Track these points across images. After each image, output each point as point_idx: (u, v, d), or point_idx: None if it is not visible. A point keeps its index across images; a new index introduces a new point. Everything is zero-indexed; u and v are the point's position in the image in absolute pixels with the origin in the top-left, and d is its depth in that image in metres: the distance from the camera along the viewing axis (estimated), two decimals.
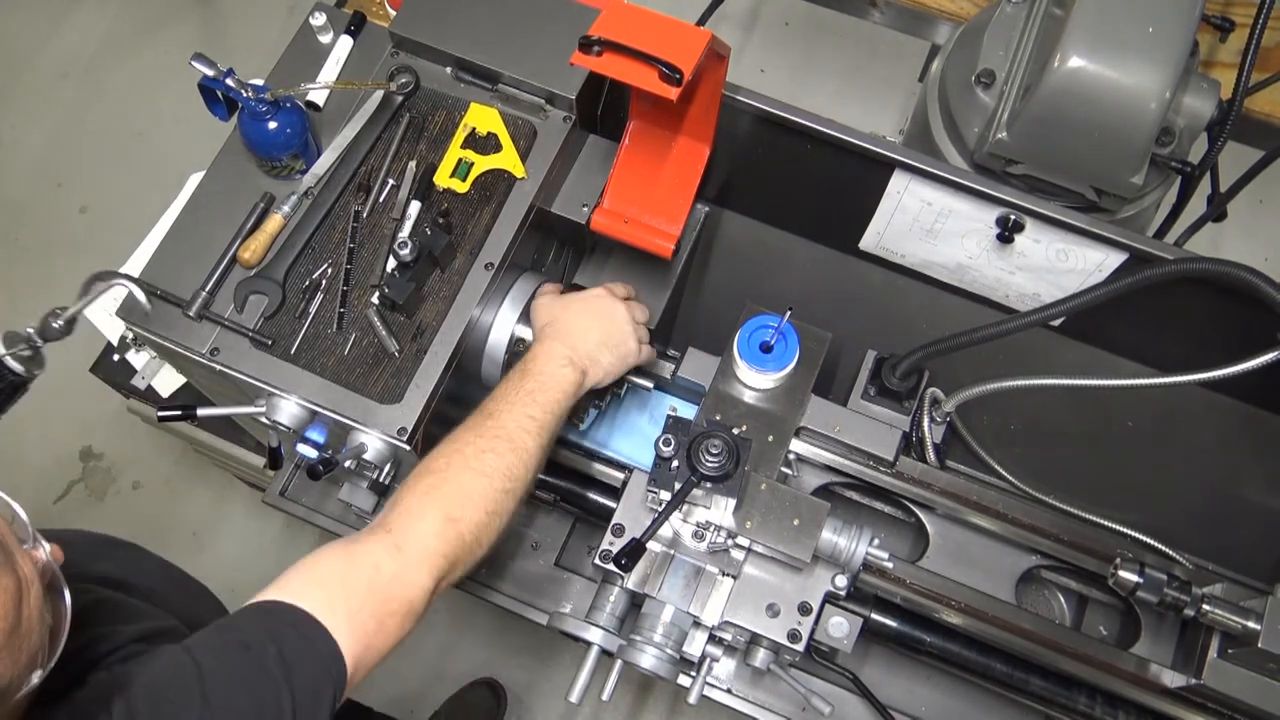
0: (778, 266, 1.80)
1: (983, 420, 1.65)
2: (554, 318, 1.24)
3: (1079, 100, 1.39)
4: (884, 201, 1.55)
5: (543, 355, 1.19)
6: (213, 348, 1.28)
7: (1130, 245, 1.42)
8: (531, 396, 1.16)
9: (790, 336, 1.42)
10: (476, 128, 1.39)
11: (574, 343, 1.22)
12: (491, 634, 2.53)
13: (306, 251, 1.33)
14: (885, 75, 3.03)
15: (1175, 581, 1.34)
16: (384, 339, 1.28)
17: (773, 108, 1.48)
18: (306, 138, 1.34)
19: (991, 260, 1.57)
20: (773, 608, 1.34)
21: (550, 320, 1.25)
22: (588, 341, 1.22)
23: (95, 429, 2.75)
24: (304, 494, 1.67)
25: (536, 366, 1.18)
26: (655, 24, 1.12)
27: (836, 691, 1.54)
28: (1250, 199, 1.96)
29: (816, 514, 1.33)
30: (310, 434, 1.26)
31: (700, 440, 1.25)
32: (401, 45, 1.43)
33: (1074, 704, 1.45)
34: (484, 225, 1.34)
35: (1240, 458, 1.70)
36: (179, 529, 2.65)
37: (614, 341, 1.25)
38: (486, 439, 1.12)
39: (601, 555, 1.34)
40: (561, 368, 1.19)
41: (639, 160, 1.42)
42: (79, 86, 3.15)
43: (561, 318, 1.24)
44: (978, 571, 1.51)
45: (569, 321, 1.23)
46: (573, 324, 1.23)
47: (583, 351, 1.22)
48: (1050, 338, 1.67)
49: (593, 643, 1.37)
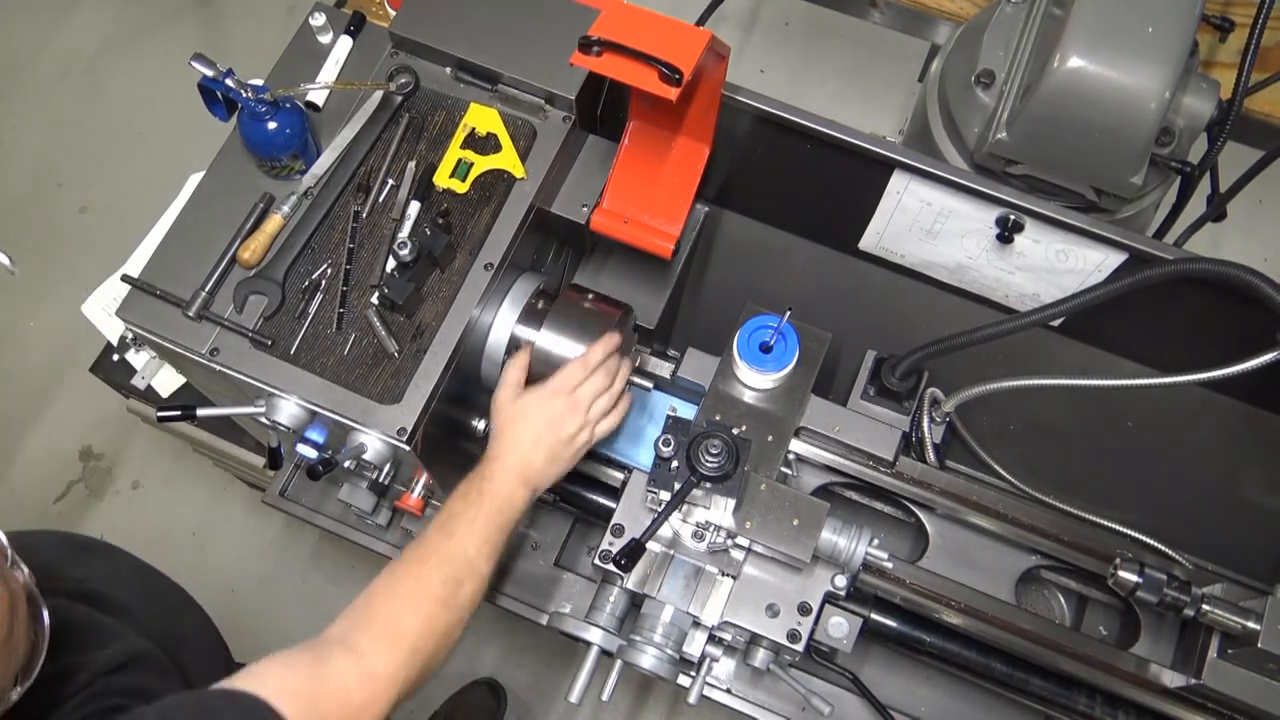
0: (778, 266, 1.80)
1: (982, 420, 1.65)
2: (512, 425, 1.25)
3: (1079, 100, 1.39)
4: (884, 201, 1.55)
5: (500, 475, 1.21)
6: (212, 348, 1.28)
7: (1130, 245, 1.42)
8: (491, 521, 1.18)
9: (790, 337, 1.42)
10: (476, 128, 1.39)
11: (528, 459, 1.23)
12: (491, 634, 2.53)
13: (306, 252, 1.33)
14: (885, 75, 3.03)
15: (1175, 581, 1.34)
16: (383, 339, 1.28)
17: (773, 108, 1.48)
18: (306, 138, 1.34)
19: (991, 260, 1.57)
20: (772, 608, 1.34)
21: (508, 427, 1.25)
22: (538, 458, 1.24)
23: (95, 429, 2.75)
24: (304, 494, 1.67)
25: (495, 488, 1.19)
26: (655, 24, 1.12)
27: (836, 691, 1.54)
28: (1250, 199, 1.95)
29: (816, 514, 1.33)
30: (310, 434, 1.26)
31: (700, 440, 1.26)
32: (401, 45, 1.43)
33: (1074, 704, 1.45)
34: (483, 225, 1.34)
35: (1240, 458, 1.70)
36: (179, 529, 2.65)
37: (562, 457, 1.26)
38: (452, 566, 1.14)
39: (601, 555, 1.34)
40: (518, 489, 1.21)
41: (638, 160, 1.42)
42: (79, 86, 3.15)
43: (519, 429, 1.24)
44: (977, 571, 1.51)
45: (523, 434, 1.24)
46: (524, 436, 1.23)
47: (535, 470, 1.24)
48: (1050, 338, 1.67)
49: (592, 643, 1.37)
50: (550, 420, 1.25)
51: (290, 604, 2.57)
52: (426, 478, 1.36)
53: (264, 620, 2.55)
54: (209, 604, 1.28)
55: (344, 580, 2.58)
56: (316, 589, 2.59)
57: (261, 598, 2.58)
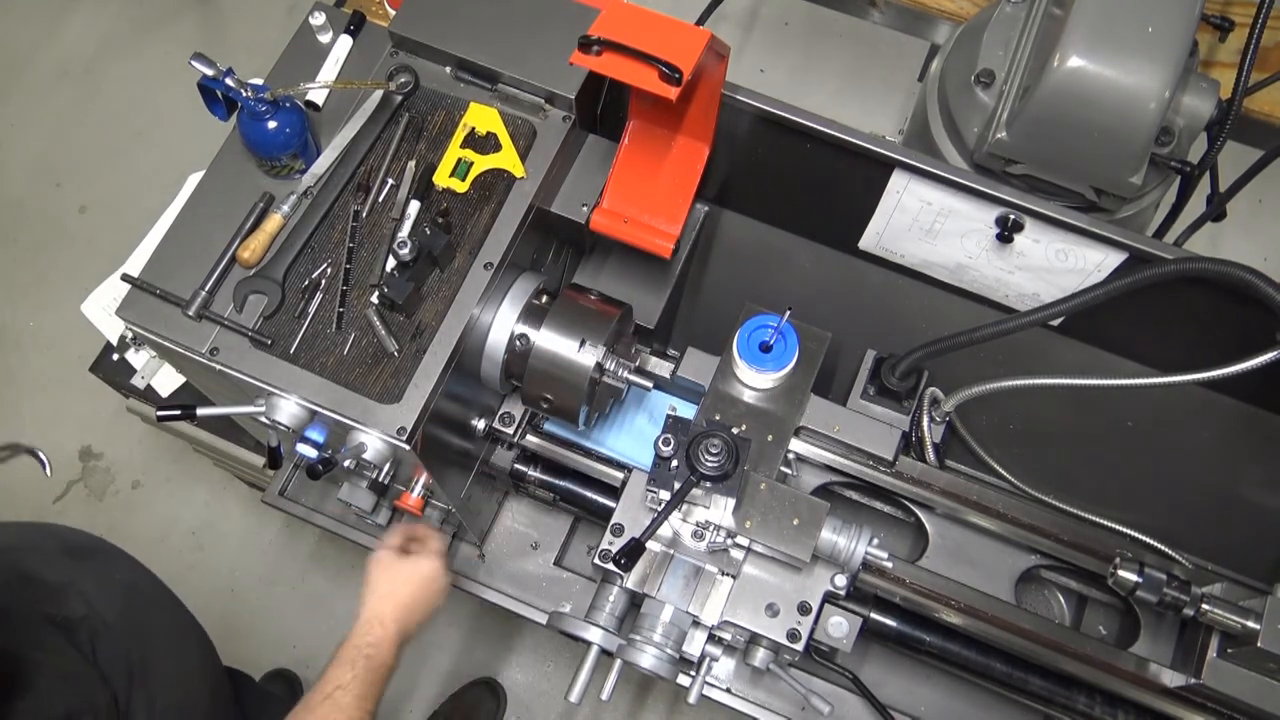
0: (777, 266, 1.80)
1: (982, 420, 1.65)
2: (392, 591, 1.32)
3: (1078, 100, 1.39)
4: (883, 201, 1.55)
5: (388, 642, 1.28)
6: (212, 347, 1.28)
7: (1129, 245, 1.42)
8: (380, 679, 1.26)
9: (789, 336, 1.42)
10: (476, 127, 1.39)
11: (406, 620, 1.32)
12: (491, 634, 2.53)
13: (306, 251, 1.33)
14: (885, 75, 3.04)
15: (1174, 581, 1.34)
16: (383, 338, 1.28)
17: (772, 107, 1.48)
18: (306, 137, 1.34)
19: (991, 260, 1.57)
20: (772, 607, 1.34)
21: (389, 593, 1.32)
22: (414, 619, 1.33)
23: (94, 429, 2.75)
24: (303, 493, 1.67)
25: (383, 656, 1.27)
26: (655, 24, 1.12)
27: (836, 691, 1.54)
28: (1249, 199, 1.96)
29: (816, 513, 1.33)
30: (310, 433, 1.26)
31: (700, 440, 1.26)
32: (401, 45, 1.43)
33: (1073, 704, 1.45)
34: (483, 225, 1.34)
35: (1240, 458, 1.70)
36: (178, 529, 2.65)
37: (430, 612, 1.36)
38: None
39: (601, 555, 1.34)
40: (398, 648, 1.30)
41: (638, 160, 1.42)
42: (78, 86, 3.15)
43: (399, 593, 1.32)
44: (977, 571, 1.51)
45: (403, 598, 1.32)
46: (403, 598, 1.32)
47: (410, 629, 1.33)
48: (1050, 338, 1.67)
49: (592, 642, 1.37)
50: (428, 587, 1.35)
51: (290, 603, 2.58)
52: (426, 477, 1.36)
53: (264, 620, 2.55)
54: (209, 604, 1.28)
55: (343, 580, 2.58)
56: (316, 589, 2.59)
57: (261, 597, 2.58)
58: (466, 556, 1.67)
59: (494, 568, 1.66)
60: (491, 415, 1.50)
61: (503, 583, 1.64)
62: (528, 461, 1.56)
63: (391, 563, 1.34)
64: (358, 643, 1.26)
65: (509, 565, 1.66)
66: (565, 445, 1.53)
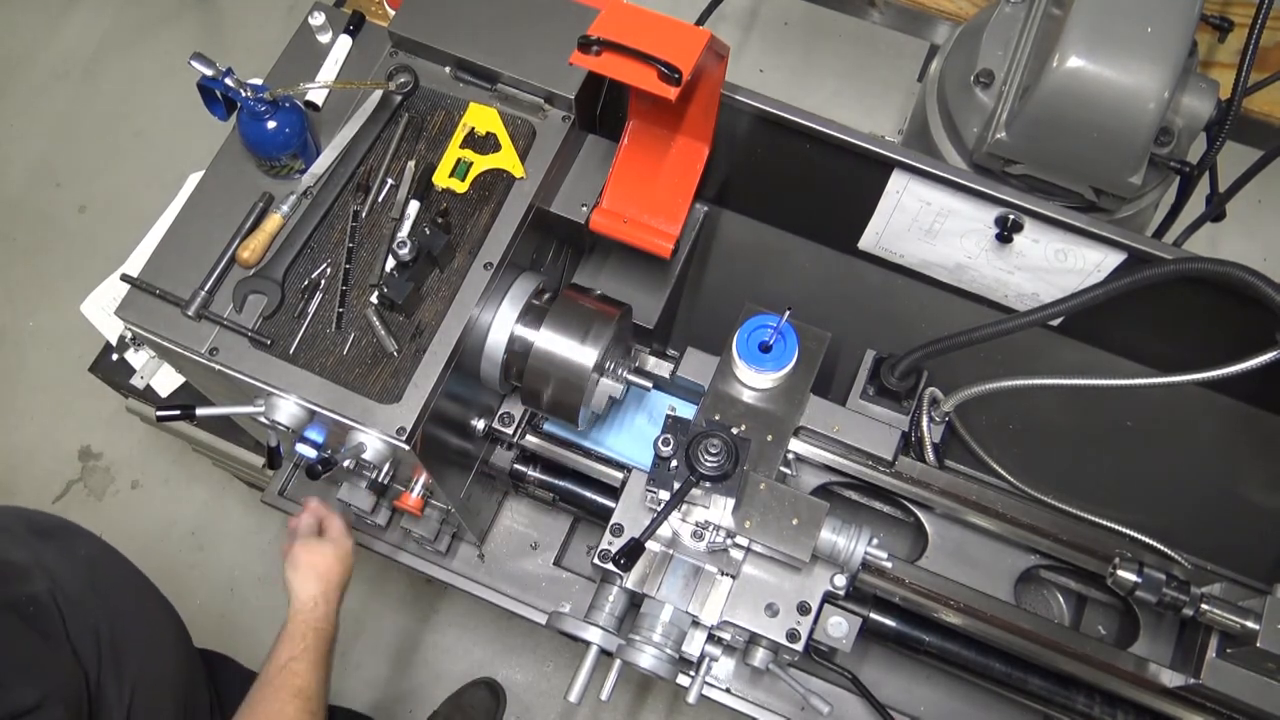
0: (777, 266, 1.80)
1: (982, 420, 1.65)
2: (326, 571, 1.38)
3: (1078, 100, 1.39)
4: (883, 201, 1.55)
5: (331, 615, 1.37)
6: (211, 347, 1.28)
7: (1129, 245, 1.42)
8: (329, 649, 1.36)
9: (789, 336, 1.42)
10: (475, 127, 1.39)
11: (337, 594, 1.39)
12: (491, 634, 2.53)
13: (305, 251, 1.33)
14: (885, 75, 3.03)
15: (1174, 581, 1.34)
16: (383, 338, 1.28)
17: (772, 108, 1.48)
18: (305, 137, 1.34)
19: (990, 260, 1.57)
20: (771, 607, 1.34)
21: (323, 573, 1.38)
22: (341, 592, 1.41)
23: (94, 428, 2.75)
24: (303, 493, 1.67)
25: (329, 628, 1.36)
26: (654, 24, 1.12)
27: (835, 691, 1.54)
28: (1249, 199, 1.96)
29: (815, 513, 1.33)
30: (309, 433, 1.26)
31: (699, 440, 1.26)
32: (400, 45, 1.43)
33: (1072, 703, 1.45)
34: (483, 225, 1.34)
35: (1240, 458, 1.70)
36: (178, 529, 2.65)
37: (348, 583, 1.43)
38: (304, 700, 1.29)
39: (601, 555, 1.34)
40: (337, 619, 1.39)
41: (638, 160, 1.42)
42: (78, 86, 3.15)
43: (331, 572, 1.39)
44: (977, 571, 1.51)
45: (334, 576, 1.39)
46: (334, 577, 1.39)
47: (340, 601, 1.41)
48: (1050, 338, 1.67)
49: (592, 642, 1.37)
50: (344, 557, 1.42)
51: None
52: (426, 477, 1.36)
53: (263, 619, 2.55)
54: (209, 603, 1.28)
55: None
56: None
57: (261, 597, 2.58)
58: (466, 556, 1.67)
59: (493, 568, 1.66)
60: (491, 415, 1.50)
61: (502, 583, 1.64)
62: (527, 461, 1.57)
63: (316, 546, 1.40)
64: (305, 618, 1.34)
65: (508, 565, 1.66)
66: (565, 445, 1.53)
